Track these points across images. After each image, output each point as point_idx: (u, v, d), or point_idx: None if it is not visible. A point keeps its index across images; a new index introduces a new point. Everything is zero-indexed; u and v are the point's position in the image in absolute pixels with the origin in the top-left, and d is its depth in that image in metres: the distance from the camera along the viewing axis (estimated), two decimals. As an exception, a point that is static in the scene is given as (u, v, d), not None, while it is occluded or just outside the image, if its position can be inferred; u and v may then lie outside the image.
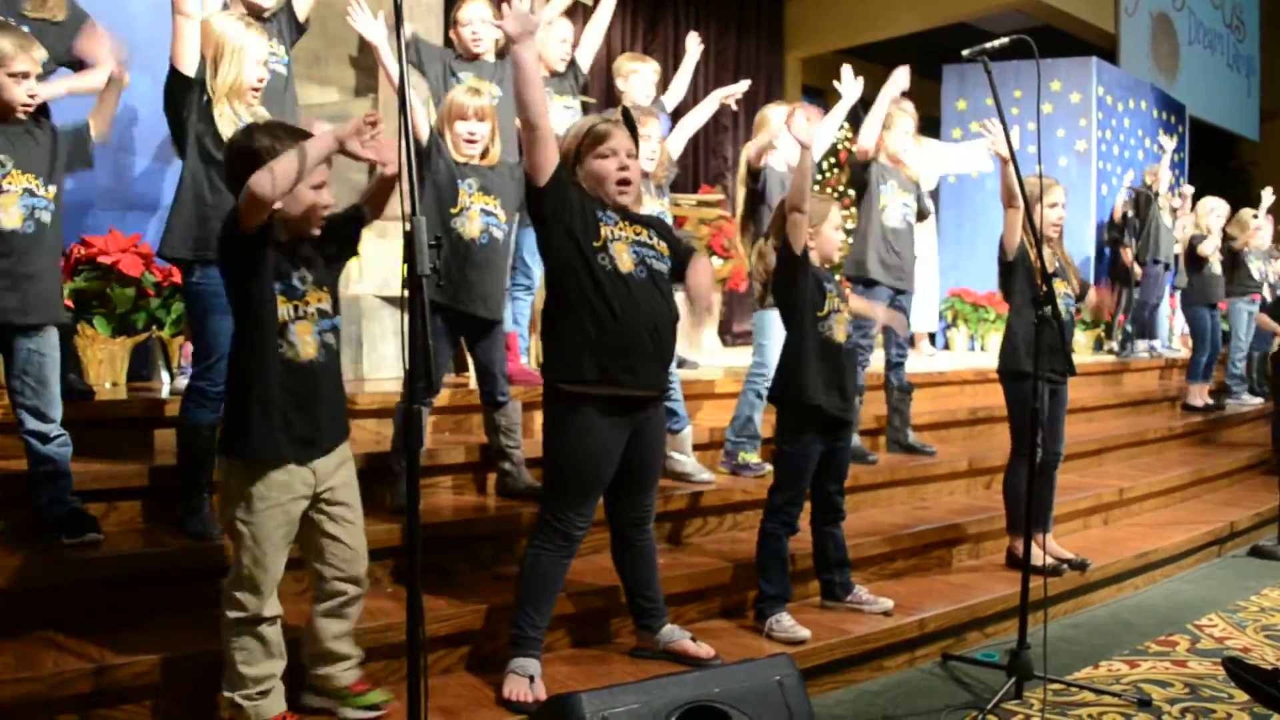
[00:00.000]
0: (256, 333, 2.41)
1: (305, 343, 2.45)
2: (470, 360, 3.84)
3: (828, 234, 3.44)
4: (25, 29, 3.38)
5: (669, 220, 4.20)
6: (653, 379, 2.86)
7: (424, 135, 3.58)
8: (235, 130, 2.68)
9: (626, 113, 2.98)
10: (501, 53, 4.49)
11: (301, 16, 3.72)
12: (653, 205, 4.02)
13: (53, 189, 3.04)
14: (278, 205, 2.38)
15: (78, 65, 3.72)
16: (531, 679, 2.79)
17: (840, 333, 3.44)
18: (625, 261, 2.79)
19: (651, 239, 2.89)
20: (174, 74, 3.08)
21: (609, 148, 2.86)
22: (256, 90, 3.15)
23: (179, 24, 3.02)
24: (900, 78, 4.70)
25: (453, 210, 3.53)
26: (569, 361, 2.78)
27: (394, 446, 3.54)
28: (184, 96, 3.09)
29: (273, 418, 2.40)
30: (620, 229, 2.83)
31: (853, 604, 3.58)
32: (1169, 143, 7.92)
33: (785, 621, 3.36)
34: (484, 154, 3.61)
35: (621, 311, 2.76)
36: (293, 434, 2.43)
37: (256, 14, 3.70)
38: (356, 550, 2.57)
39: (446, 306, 3.51)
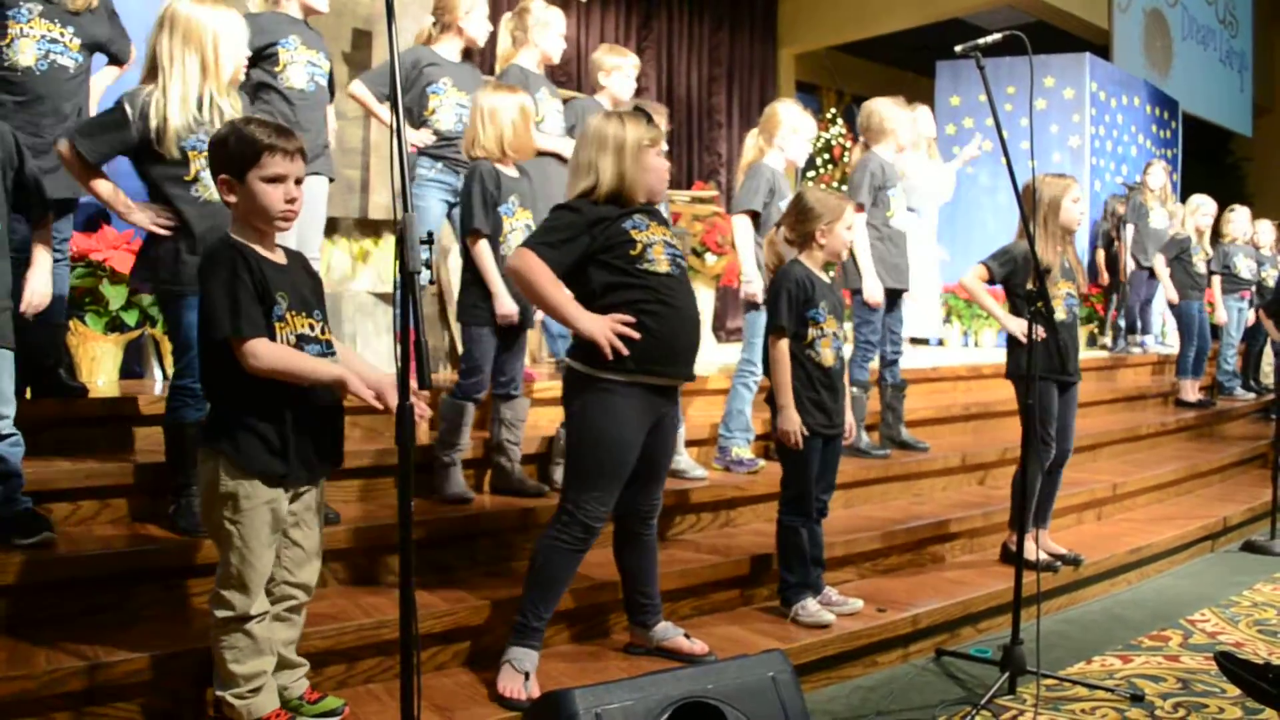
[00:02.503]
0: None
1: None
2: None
3: (839, 232, 3.46)
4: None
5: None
6: (687, 370, 2.93)
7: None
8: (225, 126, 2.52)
9: (641, 109, 3.02)
10: (468, 53, 4.48)
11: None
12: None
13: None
14: (244, 207, 2.40)
15: (103, 50, 3.82)
16: (527, 675, 2.79)
17: (828, 356, 3.43)
18: (663, 262, 2.85)
19: (673, 238, 2.95)
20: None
21: (660, 146, 2.95)
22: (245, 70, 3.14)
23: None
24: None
25: (499, 239, 3.57)
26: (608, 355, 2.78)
27: (441, 439, 3.60)
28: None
29: (268, 439, 2.38)
30: (652, 232, 2.87)
31: (822, 605, 3.52)
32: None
33: (811, 607, 3.41)
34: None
35: (666, 310, 2.82)
36: (290, 455, 2.40)
37: (309, 14, 3.80)
38: (312, 556, 2.56)
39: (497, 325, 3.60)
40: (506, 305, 3.56)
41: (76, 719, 2.47)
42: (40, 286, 2.99)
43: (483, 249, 3.54)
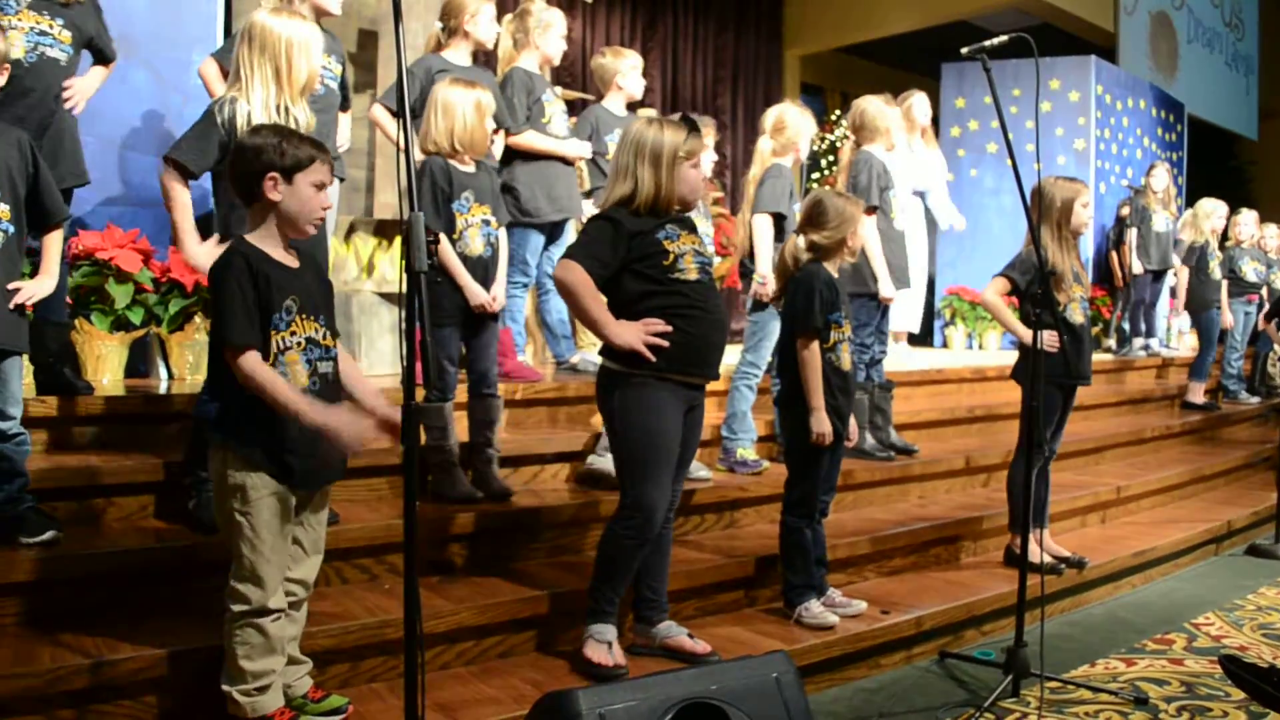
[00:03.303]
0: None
1: (296, 372, 2.44)
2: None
3: (860, 234, 3.53)
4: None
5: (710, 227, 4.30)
6: (715, 369, 3.02)
7: None
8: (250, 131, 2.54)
9: (688, 118, 3.05)
10: (477, 56, 4.49)
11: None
12: (703, 226, 4.09)
13: (5, 208, 2.85)
14: (285, 207, 2.43)
15: (91, 45, 3.79)
16: (610, 645, 2.92)
17: (847, 361, 3.47)
18: (693, 271, 2.94)
19: (704, 248, 3.04)
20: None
21: (698, 158, 3.00)
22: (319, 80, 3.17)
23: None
24: None
25: (453, 236, 3.55)
26: (640, 355, 2.86)
27: (430, 442, 3.62)
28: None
29: (272, 437, 2.40)
30: (684, 241, 2.95)
31: (826, 606, 3.51)
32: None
33: (815, 608, 3.42)
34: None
35: (698, 313, 2.91)
36: (295, 454, 2.42)
37: (320, 15, 3.75)
38: (314, 555, 2.57)
39: (463, 320, 3.59)
40: (479, 295, 3.56)
41: (81, 716, 2.48)
42: (43, 289, 2.99)
43: (440, 245, 3.53)
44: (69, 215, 3.08)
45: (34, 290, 2.95)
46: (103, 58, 3.90)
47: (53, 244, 3.04)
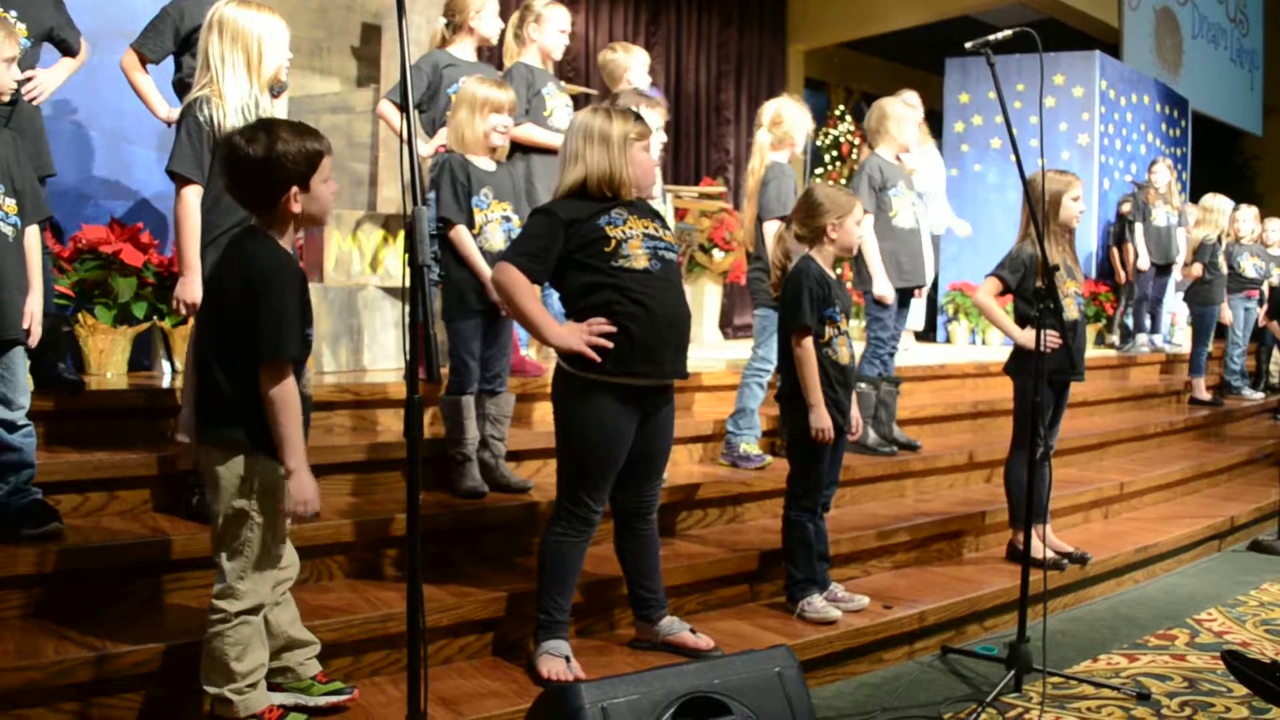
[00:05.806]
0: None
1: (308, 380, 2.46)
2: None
3: (849, 227, 3.46)
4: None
5: (670, 217, 4.23)
6: (673, 368, 2.91)
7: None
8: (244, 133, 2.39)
9: (630, 109, 3.01)
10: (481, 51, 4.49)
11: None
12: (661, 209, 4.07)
13: (13, 202, 2.86)
14: (307, 212, 2.41)
15: (51, 39, 3.70)
16: (567, 659, 2.85)
17: (844, 354, 3.46)
18: (641, 258, 2.82)
19: (659, 231, 2.92)
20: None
21: (647, 140, 2.94)
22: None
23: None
24: None
25: (475, 231, 3.56)
26: (595, 358, 2.78)
27: (448, 436, 3.62)
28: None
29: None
30: (630, 226, 2.85)
31: (828, 601, 3.50)
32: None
33: (817, 603, 3.41)
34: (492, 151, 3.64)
35: (643, 309, 2.80)
36: None
37: None
38: (286, 535, 2.57)
39: (484, 312, 3.58)
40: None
41: (84, 709, 2.48)
42: (38, 307, 2.98)
43: (461, 235, 3.52)
44: (50, 214, 3.06)
45: (37, 318, 2.95)
46: (67, 49, 3.79)
47: (32, 238, 3.00)
